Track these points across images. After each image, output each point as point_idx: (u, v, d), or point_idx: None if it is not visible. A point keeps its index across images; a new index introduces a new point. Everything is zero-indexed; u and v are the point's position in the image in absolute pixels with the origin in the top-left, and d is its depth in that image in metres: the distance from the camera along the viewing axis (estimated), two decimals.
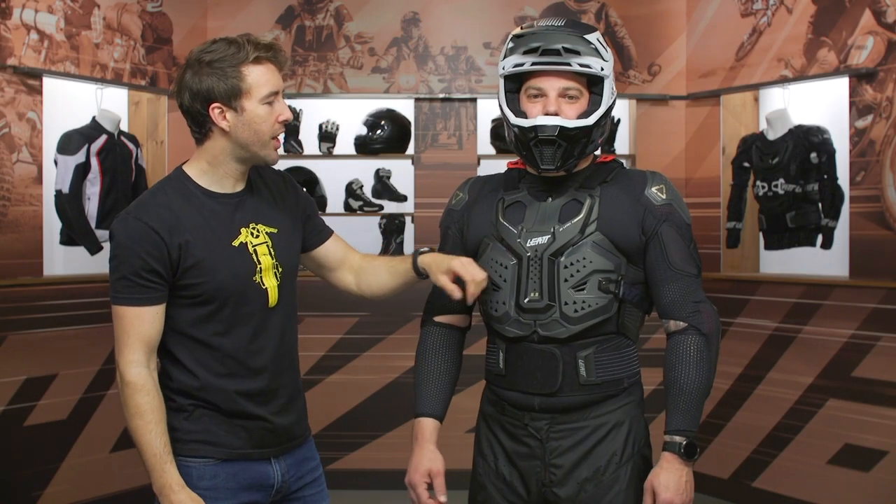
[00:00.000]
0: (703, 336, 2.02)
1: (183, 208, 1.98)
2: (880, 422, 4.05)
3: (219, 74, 1.94)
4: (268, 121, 1.99)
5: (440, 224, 2.27)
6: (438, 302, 2.21)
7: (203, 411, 2.00)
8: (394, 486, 4.92)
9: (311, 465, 2.19)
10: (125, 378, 1.94)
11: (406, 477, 2.14)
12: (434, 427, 2.15)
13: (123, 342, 1.96)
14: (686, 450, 1.97)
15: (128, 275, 1.95)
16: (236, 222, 2.03)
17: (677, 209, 2.07)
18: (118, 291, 1.98)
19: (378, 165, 5.09)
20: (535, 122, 2.01)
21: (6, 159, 4.02)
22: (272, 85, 1.99)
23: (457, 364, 2.21)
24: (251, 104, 1.97)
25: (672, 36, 4.99)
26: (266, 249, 2.05)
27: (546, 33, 2.01)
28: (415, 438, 2.16)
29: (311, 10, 5.02)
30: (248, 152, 2.01)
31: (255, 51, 1.96)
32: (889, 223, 4.05)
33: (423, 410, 2.16)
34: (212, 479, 1.98)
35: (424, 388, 2.17)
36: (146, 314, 1.96)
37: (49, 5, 4.19)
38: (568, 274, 2.02)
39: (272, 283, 2.05)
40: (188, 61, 1.99)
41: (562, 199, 2.07)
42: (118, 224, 1.98)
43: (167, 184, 2.04)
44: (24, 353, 4.05)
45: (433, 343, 2.20)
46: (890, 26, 4.05)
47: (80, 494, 4.25)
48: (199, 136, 2.03)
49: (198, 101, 1.97)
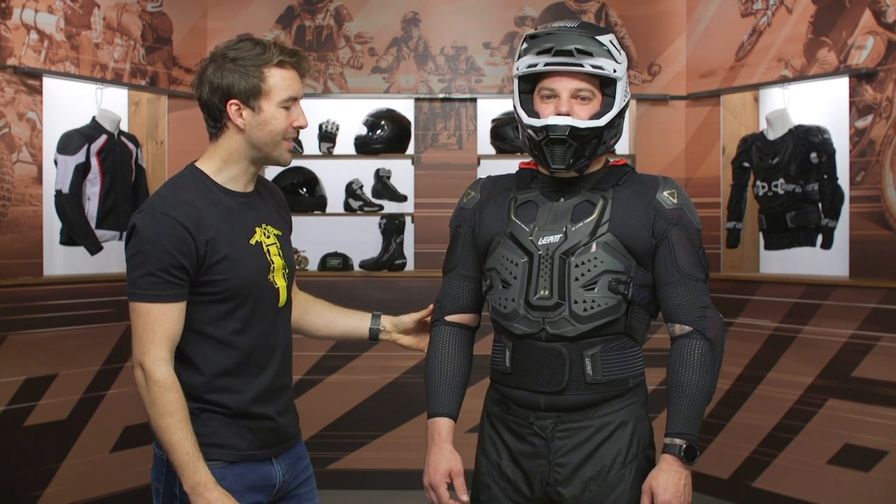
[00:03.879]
0: (708, 341, 2.03)
1: (204, 205, 1.98)
2: (880, 422, 4.05)
3: (241, 72, 1.96)
4: (283, 124, 2.01)
5: (450, 223, 2.27)
6: (449, 301, 2.22)
7: (210, 414, 2.00)
8: (394, 485, 4.94)
9: (305, 463, 2.21)
10: (154, 376, 1.91)
11: (425, 478, 2.12)
12: (451, 427, 2.14)
13: (149, 339, 1.93)
14: (686, 453, 1.98)
15: (155, 271, 1.91)
16: (251, 221, 2.05)
17: (688, 214, 2.08)
18: (142, 287, 1.93)
19: (378, 165, 5.09)
20: (547, 121, 2.02)
21: (6, 159, 4.02)
22: (292, 90, 2.01)
23: (469, 363, 2.22)
24: (269, 105, 1.99)
25: (672, 36, 4.99)
26: (276, 250, 2.09)
27: (559, 34, 2.02)
28: (431, 439, 2.14)
29: (311, 10, 5.02)
30: (261, 152, 2.03)
31: (280, 55, 1.98)
32: (889, 223, 4.05)
33: (438, 410, 2.15)
34: (221, 482, 1.98)
35: (439, 388, 2.16)
36: (173, 311, 1.94)
37: (49, 5, 4.19)
38: (579, 273, 2.03)
39: (282, 283, 2.08)
40: (212, 55, 2.01)
41: (574, 199, 2.09)
42: (143, 219, 1.94)
43: (185, 180, 2.03)
44: (24, 353, 4.05)
45: (446, 343, 2.20)
46: (890, 26, 4.05)
47: (80, 494, 4.25)
48: (214, 131, 2.03)
49: (217, 95, 1.98)
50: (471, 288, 2.20)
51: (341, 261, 4.98)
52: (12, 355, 4.01)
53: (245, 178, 2.06)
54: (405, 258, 5.00)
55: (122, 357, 4.38)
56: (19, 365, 4.03)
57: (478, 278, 2.19)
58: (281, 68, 1.99)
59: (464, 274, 2.20)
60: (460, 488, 2.09)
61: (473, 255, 2.20)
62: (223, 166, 2.04)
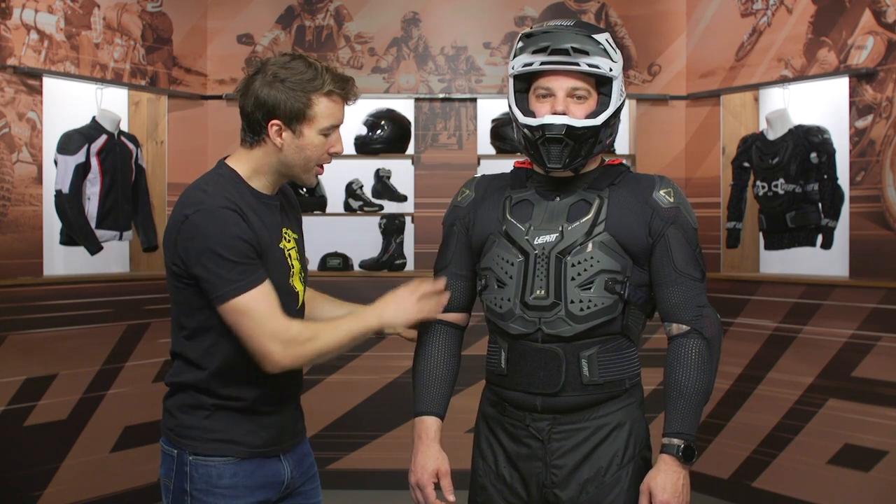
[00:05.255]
0: (705, 340, 2.03)
1: (243, 205, 1.98)
2: (880, 422, 4.05)
3: (289, 94, 1.95)
4: (320, 150, 2.02)
5: (444, 221, 2.25)
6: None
7: (225, 412, 2.02)
8: (394, 485, 4.93)
9: (310, 460, 2.23)
10: (297, 340, 1.93)
11: (411, 477, 2.12)
12: (438, 426, 2.13)
13: (269, 324, 1.91)
14: (684, 453, 1.98)
15: (239, 260, 1.90)
16: (278, 225, 2.07)
17: (684, 213, 2.08)
18: (237, 278, 1.89)
19: (378, 165, 5.09)
20: (543, 120, 2.01)
21: (6, 159, 4.02)
22: (335, 119, 2.02)
23: (457, 363, 2.20)
24: (310, 132, 1.99)
25: (672, 36, 4.99)
26: (295, 254, 2.11)
27: (555, 33, 2.02)
28: (418, 437, 2.14)
29: (311, 10, 5.02)
30: (291, 172, 2.04)
31: (331, 83, 1.98)
32: (889, 223, 4.05)
33: (426, 409, 2.14)
34: (232, 478, 2.00)
35: (426, 386, 2.15)
36: (267, 287, 1.93)
37: (49, 5, 4.19)
38: (575, 272, 2.02)
39: (300, 287, 2.11)
40: (263, 68, 2.00)
41: (570, 198, 2.08)
42: (205, 218, 1.91)
43: (223, 180, 2.01)
44: (24, 353, 4.05)
45: (435, 341, 2.19)
46: (890, 26, 4.05)
47: (80, 494, 4.25)
48: (250, 141, 2.03)
49: (261, 111, 1.97)
50: (463, 287, 2.19)
51: (341, 261, 4.98)
52: (12, 355, 4.01)
53: (273, 186, 2.08)
54: (405, 258, 5.00)
55: (122, 357, 4.38)
56: (19, 365, 4.03)
57: (470, 277, 2.19)
58: (328, 97, 1.99)
59: (456, 272, 2.19)
60: (447, 488, 2.08)
61: (467, 254, 2.18)
62: (253, 174, 2.04)
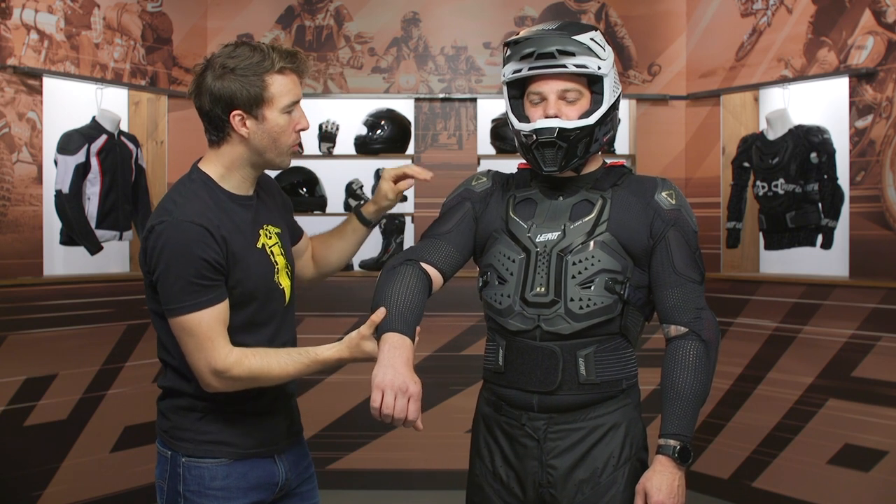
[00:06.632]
0: (703, 342, 2.03)
1: (215, 211, 1.97)
2: (880, 422, 4.05)
3: (242, 82, 1.94)
4: (287, 130, 2.01)
5: (453, 197, 2.22)
6: (428, 252, 2.12)
7: (216, 414, 2.01)
8: (394, 485, 4.93)
9: (307, 461, 2.22)
10: (232, 372, 1.90)
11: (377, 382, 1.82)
12: (411, 349, 1.90)
13: (210, 347, 1.89)
14: (680, 454, 1.98)
15: (194, 279, 1.88)
16: (255, 225, 2.05)
17: (685, 215, 2.09)
18: (186, 298, 1.88)
19: (378, 165, 5.09)
20: (535, 125, 2.03)
21: (6, 159, 4.02)
22: (294, 95, 2.01)
23: (425, 302, 2.03)
24: (272, 113, 1.98)
25: (672, 36, 4.99)
26: (279, 250, 2.09)
27: (538, 37, 2.02)
28: (389, 354, 1.86)
29: (311, 10, 5.02)
30: (264, 158, 2.03)
31: (280, 60, 1.97)
32: (889, 223, 4.05)
33: (397, 327, 1.92)
34: (224, 479, 2.00)
35: (398, 309, 1.95)
36: (219, 310, 1.92)
37: (49, 5, 4.19)
38: (576, 271, 2.03)
39: (286, 282, 2.10)
40: (209, 63, 1.98)
41: (573, 198, 2.10)
42: (168, 230, 1.90)
43: (194, 186, 2.00)
44: (24, 353, 4.05)
45: (410, 274, 2.05)
46: (890, 26, 4.05)
47: (80, 494, 4.25)
48: (216, 140, 2.02)
49: (219, 106, 1.96)
50: (453, 255, 2.14)
51: None
52: (12, 355, 4.01)
53: (248, 184, 2.06)
54: None
55: (122, 357, 4.38)
56: (19, 365, 4.03)
57: (462, 254, 2.15)
58: (281, 74, 1.98)
59: (452, 240, 2.14)
60: (414, 414, 1.84)
61: (468, 233, 2.16)
62: (226, 173, 2.03)
